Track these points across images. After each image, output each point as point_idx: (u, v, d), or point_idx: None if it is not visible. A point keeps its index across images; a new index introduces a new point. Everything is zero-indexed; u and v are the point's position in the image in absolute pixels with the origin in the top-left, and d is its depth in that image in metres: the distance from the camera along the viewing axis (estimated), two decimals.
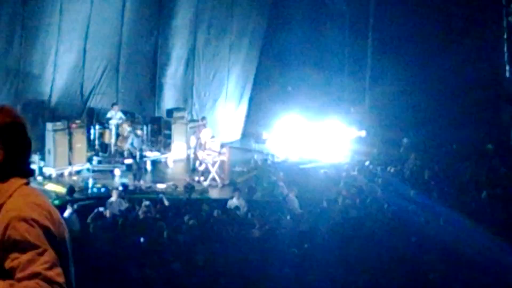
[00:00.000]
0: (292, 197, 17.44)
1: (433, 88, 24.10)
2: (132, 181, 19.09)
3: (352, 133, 23.99)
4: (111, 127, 20.84)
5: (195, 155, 20.31)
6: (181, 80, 23.53)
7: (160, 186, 19.15)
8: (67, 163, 19.62)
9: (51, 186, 18.24)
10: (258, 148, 22.97)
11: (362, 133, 24.16)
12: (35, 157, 18.24)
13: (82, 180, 19.22)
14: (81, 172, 19.75)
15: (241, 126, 25.21)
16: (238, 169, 21.43)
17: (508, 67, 24.62)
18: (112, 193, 16.92)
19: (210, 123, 21.84)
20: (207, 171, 19.88)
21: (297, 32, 25.10)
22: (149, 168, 20.62)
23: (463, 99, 23.93)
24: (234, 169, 21.04)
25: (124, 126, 20.45)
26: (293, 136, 23.08)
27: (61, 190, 17.57)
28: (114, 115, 21.02)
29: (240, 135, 25.07)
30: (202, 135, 20.09)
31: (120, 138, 20.62)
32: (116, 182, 19.15)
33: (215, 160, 19.91)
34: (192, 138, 20.93)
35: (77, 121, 19.89)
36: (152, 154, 21.14)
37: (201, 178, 19.81)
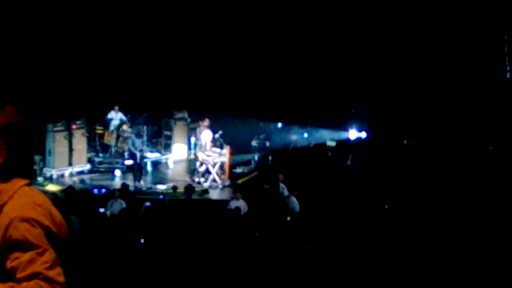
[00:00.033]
0: (293, 198, 17.43)
1: (433, 90, 24.08)
2: (133, 182, 19.10)
3: (353, 134, 24.01)
4: (112, 128, 20.85)
5: (195, 156, 20.31)
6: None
7: (161, 187, 19.15)
8: (68, 164, 19.64)
9: (52, 187, 18.25)
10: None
11: (363, 135, 24.19)
12: (36, 158, 18.26)
13: (82, 181, 19.24)
14: (82, 173, 19.79)
15: None
16: (239, 170, 21.43)
17: (509, 68, 24.61)
18: (113, 194, 16.93)
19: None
20: (208, 172, 19.88)
21: None
22: (150, 169, 20.62)
23: (464, 101, 23.91)
24: (235, 170, 21.05)
25: (125, 127, 20.46)
26: None
27: (61, 191, 17.56)
28: (115, 116, 21.02)
29: None
30: (203, 136, 20.06)
31: (121, 139, 20.63)
32: (117, 183, 19.17)
33: (216, 161, 19.91)
34: (193, 139, 20.94)
35: (78, 122, 19.90)
36: (153, 155, 21.13)
37: (202, 179, 19.81)
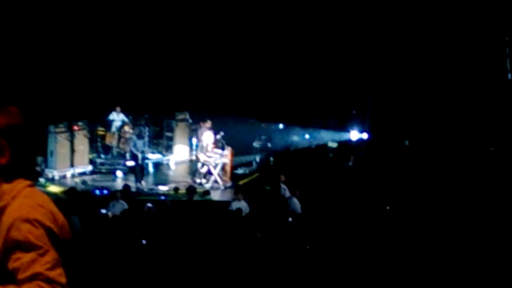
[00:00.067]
0: (294, 199, 17.42)
1: (435, 91, 24.06)
2: (134, 183, 19.10)
3: (354, 135, 24.01)
4: (113, 129, 20.85)
5: (196, 157, 20.31)
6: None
7: (162, 188, 19.16)
8: (69, 165, 19.65)
9: (53, 188, 18.26)
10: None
11: (364, 136, 24.19)
12: (38, 159, 18.26)
13: (84, 182, 19.25)
14: (83, 174, 19.80)
15: None
16: (240, 171, 21.43)
17: (510, 70, 24.59)
18: (114, 195, 16.93)
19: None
20: (209, 173, 19.88)
21: None
22: (151, 170, 20.62)
23: (465, 102, 23.90)
24: (236, 171, 21.05)
25: (126, 128, 20.47)
26: None
27: (63, 192, 17.56)
28: (116, 117, 21.03)
29: None
30: (204, 138, 20.06)
31: (122, 140, 20.63)
32: (118, 184, 19.17)
33: (217, 162, 19.91)
34: (194, 140, 20.95)
35: (79, 123, 19.91)
36: (154, 156, 21.14)
37: (203, 180, 19.81)
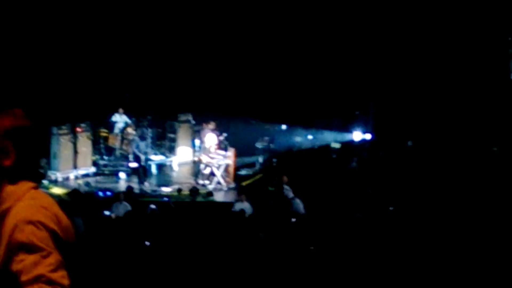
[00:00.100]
0: (298, 200, 17.40)
1: (438, 92, 24.05)
2: (137, 185, 19.11)
3: (357, 136, 24.01)
4: (116, 131, 20.87)
5: (199, 159, 20.32)
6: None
7: (165, 190, 19.16)
8: (72, 167, 19.67)
9: (57, 190, 18.27)
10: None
11: (367, 136, 24.18)
12: (42, 161, 18.29)
13: (87, 184, 19.27)
14: (87, 176, 19.83)
15: None
16: (243, 172, 21.43)
17: None
18: (118, 197, 16.95)
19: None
20: (212, 174, 19.89)
21: None
22: (154, 172, 20.63)
23: (468, 102, 23.87)
24: (239, 172, 21.05)
25: (129, 130, 20.48)
26: None
27: (66, 194, 17.57)
28: (119, 119, 21.04)
29: None
30: (207, 139, 20.07)
31: (125, 142, 20.64)
32: (121, 186, 19.19)
33: (220, 164, 19.91)
34: (197, 142, 20.96)
35: (82, 125, 19.93)
36: (157, 158, 21.15)
37: (206, 181, 19.81)
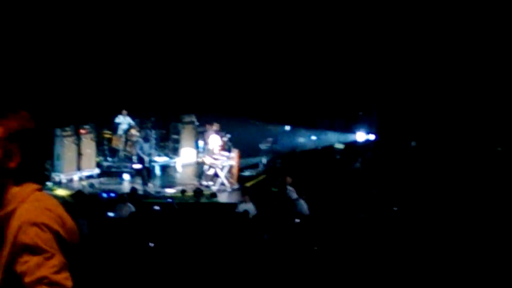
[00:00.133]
0: (302, 201, 17.39)
1: (442, 92, 24.04)
2: (141, 186, 19.11)
3: (361, 136, 24.01)
4: (120, 132, 20.88)
5: (202, 160, 20.34)
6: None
7: (169, 191, 19.17)
8: (76, 169, 19.68)
9: (60, 191, 18.29)
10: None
11: (371, 137, 24.18)
12: (47, 163, 18.30)
13: (91, 185, 19.27)
14: (90, 177, 19.84)
15: None
16: (247, 173, 21.43)
17: None
18: (121, 198, 16.94)
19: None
20: (216, 176, 19.89)
21: None
22: (158, 173, 20.64)
23: (472, 102, 23.86)
24: (243, 173, 21.05)
25: (133, 131, 20.49)
26: None
27: (70, 195, 17.59)
28: (123, 120, 21.06)
29: None
30: (210, 141, 20.08)
31: (129, 143, 20.66)
32: (125, 187, 19.20)
33: (224, 165, 19.91)
34: (201, 143, 20.98)
35: (86, 127, 19.94)
36: (161, 159, 21.16)
37: (210, 183, 19.81)
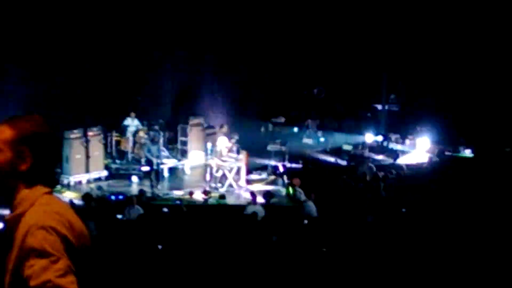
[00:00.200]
0: (310, 202, 17.37)
1: (451, 91, 23.99)
2: (150, 188, 19.13)
3: (369, 138, 23.97)
4: (128, 135, 20.91)
5: (209, 163, 20.33)
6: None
7: (178, 193, 19.18)
8: (85, 171, 19.71)
9: (69, 194, 18.32)
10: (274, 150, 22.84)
11: (379, 138, 24.13)
12: (57, 167, 18.35)
13: (100, 188, 19.30)
14: (99, 180, 19.87)
15: None
16: (255, 175, 21.40)
17: None
18: (130, 200, 16.96)
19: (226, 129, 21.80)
20: (224, 177, 19.88)
21: None
22: (166, 175, 20.66)
23: (481, 102, 23.80)
24: (251, 175, 21.02)
25: (141, 133, 20.52)
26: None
27: (79, 198, 17.61)
28: (131, 123, 21.10)
29: None
30: (219, 143, 20.08)
31: (137, 145, 20.69)
32: (134, 189, 19.21)
33: (232, 166, 19.90)
34: (209, 145, 20.98)
35: (94, 129, 19.97)
36: (169, 161, 21.17)
37: (218, 185, 19.81)
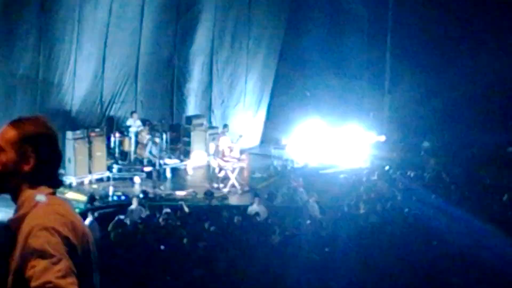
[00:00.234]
0: (312, 203, 17.38)
1: (453, 92, 23.95)
2: (152, 189, 19.13)
3: (372, 138, 23.91)
4: (131, 135, 20.92)
5: (211, 163, 20.34)
6: (200, 87, 23.58)
7: (180, 193, 19.17)
8: (87, 172, 19.71)
9: (72, 195, 18.31)
10: (278, 154, 22.86)
11: (382, 138, 24.09)
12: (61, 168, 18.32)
13: (103, 188, 19.30)
14: (101, 180, 19.86)
15: (260, 132, 25.22)
16: (258, 175, 21.41)
17: None
18: (133, 201, 16.96)
19: (229, 129, 21.78)
20: (227, 178, 19.89)
21: (316, 37, 24.95)
22: (169, 176, 20.66)
23: (483, 102, 23.79)
24: (254, 175, 21.03)
25: (143, 134, 20.53)
26: (313, 142, 23.01)
27: (82, 199, 17.63)
28: (133, 123, 21.10)
29: (259, 141, 25.05)
30: (221, 143, 20.09)
31: (140, 146, 20.69)
32: (136, 190, 19.22)
33: (235, 167, 19.91)
34: (211, 145, 20.97)
35: (97, 130, 19.98)
36: (172, 162, 21.17)
37: (221, 185, 19.81)
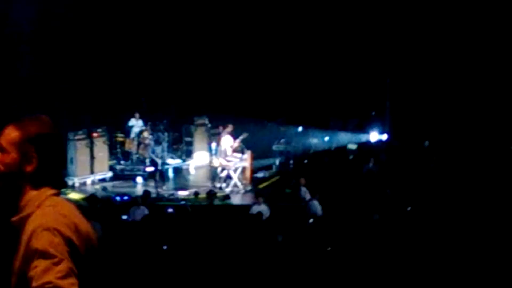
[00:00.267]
0: (315, 202, 17.36)
1: (455, 90, 23.94)
2: (154, 189, 19.12)
3: (374, 137, 23.94)
4: (133, 135, 20.91)
5: (213, 163, 20.34)
6: None
7: (182, 193, 19.17)
8: (89, 172, 19.72)
9: (74, 195, 18.32)
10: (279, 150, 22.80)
11: (384, 137, 24.11)
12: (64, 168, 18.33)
13: (104, 189, 19.31)
14: (104, 181, 19.87)
15: None
16: (260, 175, 21.41)
17: None
18: (135, 201, 16.96)
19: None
20: (229, 177, 19.88)
21: None
22: (171, 176, 20.66)
23: (485, 101, 23.76)
24: (256, 175, 21.03)
25: (145, 134, 20.52)
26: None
27: (84, 199, 17.63)
28: (136, 123, 21.10)
29: None
30: (223, 142, 20.06)
31: (142, 146, 20.69)
32: (139, 190, 19.21)
33: (237, 166, 19.90)
34: (213, 145, 20.98)
35: (99, 130, 19.98)
36: (174, 161, 21.17)
37: (223, 185, 19.81)
